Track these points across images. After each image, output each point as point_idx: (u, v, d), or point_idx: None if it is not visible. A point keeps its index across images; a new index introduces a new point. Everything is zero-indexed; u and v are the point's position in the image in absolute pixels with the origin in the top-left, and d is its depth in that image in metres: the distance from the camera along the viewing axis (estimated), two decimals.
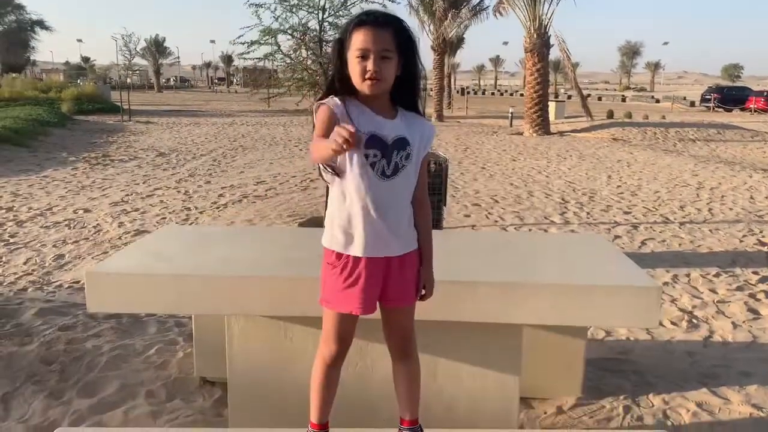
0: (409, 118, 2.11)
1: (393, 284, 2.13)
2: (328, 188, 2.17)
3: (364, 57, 1.97)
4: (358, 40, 1.98)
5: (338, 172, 2.06)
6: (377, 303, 2.16)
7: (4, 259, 6.03)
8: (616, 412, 3.31)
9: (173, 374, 3.64)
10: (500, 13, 22.61)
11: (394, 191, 2.07)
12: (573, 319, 2.74)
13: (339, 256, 2.10)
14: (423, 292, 2.24)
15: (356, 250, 2.07)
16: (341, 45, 2.05)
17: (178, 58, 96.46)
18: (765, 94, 41.97)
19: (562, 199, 9.48)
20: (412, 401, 2.30)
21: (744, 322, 4.69)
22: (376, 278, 2.10)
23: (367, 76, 1.98)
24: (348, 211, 2.07)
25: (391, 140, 2.04)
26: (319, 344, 2.22)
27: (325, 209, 2.16)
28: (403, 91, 2.10)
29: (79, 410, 3.20)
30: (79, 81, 55.29)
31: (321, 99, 2.08)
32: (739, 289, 5.42)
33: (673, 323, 4.63)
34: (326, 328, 2.18)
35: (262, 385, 2.85)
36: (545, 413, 3.30)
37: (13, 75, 45.81)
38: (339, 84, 2.07)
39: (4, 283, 5.29)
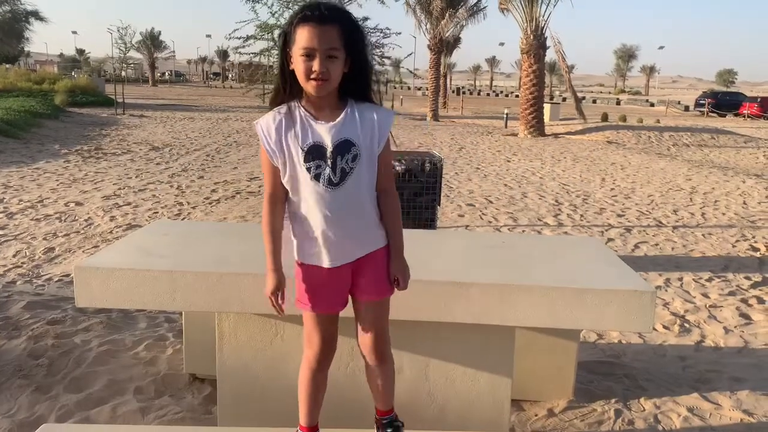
0: (360, 112, 2.04)
1: (363, 280, 2.12)
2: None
3: (309, 56, 1.91)
4: (303, 38, 1.91)
5: (289, 190, 2.06)
6: (348, 298, 2.15)
7: None
8: (607, 416, 3.30)
9: (162, 370, 3.61)
10: (506, 10, 22.47)
11: (348, 197, 2.02)
12: (566, 322, 2.72)
13: (306, 266, 2.11)
14: (397, 282, 2.18)
15: (318, 260, 2.07)
16: (285, 39, 1.98)
17: (174, 52, 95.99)
18: (758, 100, 42.19)
19: (556, 201, 9.49)
20: (386, 395, 2.29)
21: (736, 327, 4.69)
22: (344, 280, 2.11)
23: (312, 76, 1.92)
24: (306, 223, 2.06)
25: (332, 146, 1.99)
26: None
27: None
28: (353, 85, 2.03)
29: (66, 405, 3.17)
30: (73, 73, 55.01)
31: (271, 101, 2.10)
32: (732, 294, 5.42)
33: (665, 327, 4.63)
34: (307, 330, 2.18)
35: (252, 382, 2.82)
36: (536, 416, 3.28)
37: (7, 66, 45.52)
38: (282, 82, 2.03)
39: None
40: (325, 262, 2.06)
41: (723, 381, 3.75)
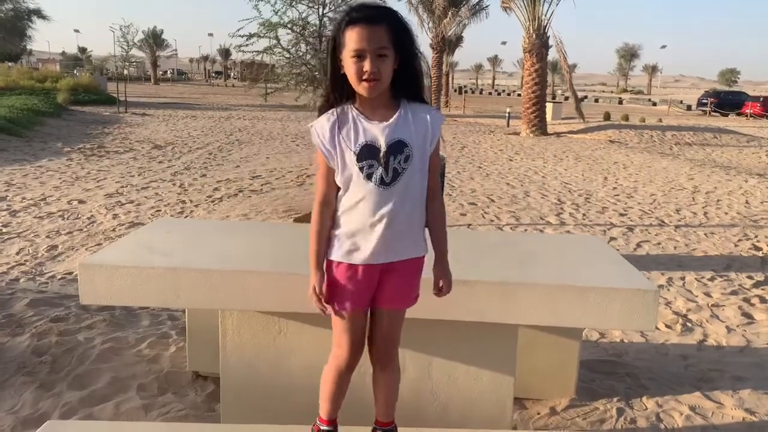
0: (413, 112, 2.06)
1: (390, 287, 2.12)
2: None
3: (360, 57, 1.93)
4: (352, 40, 1.93)
5: (342, 189, 2.07)
6: (368, 304, 2.15)
7: None
8: (609, 414, 3.30)
9: (165, 368, 3.61)
10: (508, 9, 22.44)
11: (398, 197, 2.03)
12: (569, 321, 2.73)
13: (338, 264, 2.10)
14: (440, 288, 2.20)
15: (355, 257, 2.07)
16: (334, 44, 2.00)
17: (176, 50, 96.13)
18: (761, 99, 42.11)
19: (558, 200, 9.49)
20: (389, 404, 2.29)
21: (738, 326, 4.69)
22: (373, 280, 2.10)
23: (364, 77, 1.94)
24: (353, 220, 2.06)
25: (386, 146, 2.00)
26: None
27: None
28: (404, 83, 2.04)
29: (69, 402, 3.18)
30: (75, 71, 55.05)
31: (321, 106, 2.11)
32: (734, 293, 5.42)
33: (667, 326, 4.63)
34: (336, 332, 2.18)
35: (255, 380, 2.83)
36: (538, 414, 3.29)
37: (9, 64, 45.57)
38: (333, 85, 2.04)
39: None
40: (363, 259, 2.05)
41: (725, 380, 3.75)
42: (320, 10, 6.90)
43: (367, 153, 2.00)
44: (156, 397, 3.30)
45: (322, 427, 2.27)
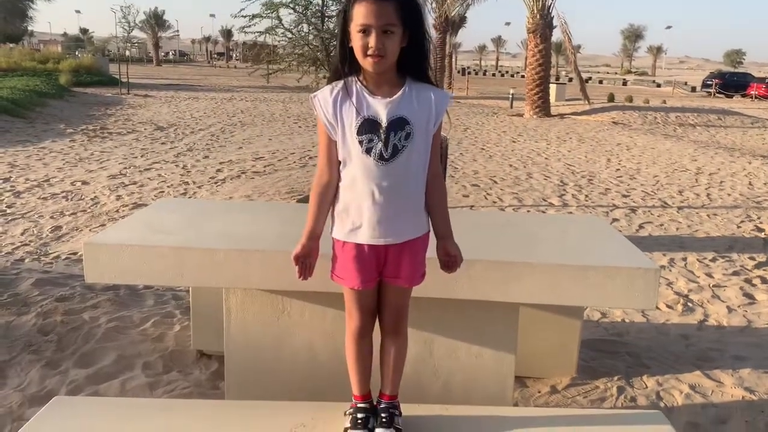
0: (417, 91, 2.05)
1: (396, 265, 2.13)
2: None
3: (365, 32, 1.92)
4: (360, 14, 1.92)
5: (341, 162, 2.08)
6: (378, 278, 2.16)
7: (1, 229, 6.02)
8: (609, 393, 3.34)
9: (170, 347, 3.66)
10: None
11: (397, 173, 2.03)
12: (570, 299, 2.75)
13: (344, 243, 2.11)
14: (448, 264, 2.22)
15: (359, 237, 2.07)
16: (344, 17, 2.00)
17: (178, 31, 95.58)
18: (766, 80, 41.82)
19: (561, 182, 9.48)
20: (394, 378, 2.30)
21: (739, 306, 4.71)
22: (380, 259, 2.11)
23: (368, 52, 1.94)
24: (353, 196, 2.07)
25: (387, 121, 2.00)
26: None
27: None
28: (411, 61, 2.04)
29: (76, 380, 3.22)
30: (77, 53, 54.82)
31: (329, 79, 2.12)
32: (735, 274, 5.44)
33: (668, 306, 4.65)
34: (347, 305, 2.21)
35: (259, 358, 2.86)
36: (539, 392, 3.32)
37: (11, 45, 45.38)
38: (342, 59, 2.04)
39: (1, 253, 5.29)
40: (365, 239, 2.06)
41: (725, 359, 3.78)
42: None
43: (368, 127, 2.01)
44: (161, 375, 3.34)
45: (358, 404, 2.28)
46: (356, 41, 1.95)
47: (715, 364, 3.71)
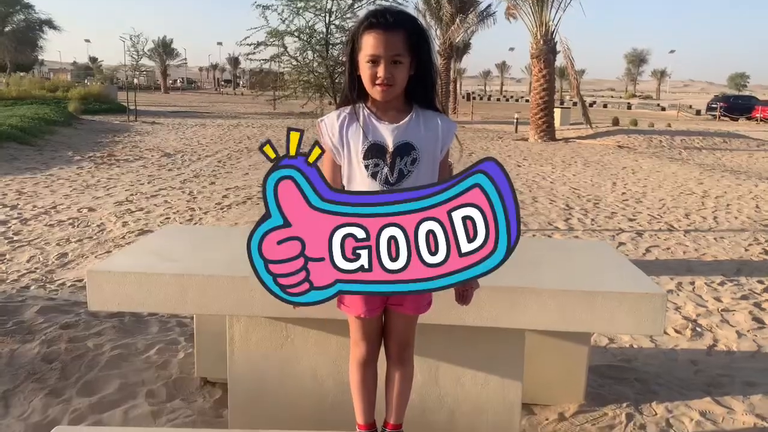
0: (424, 117, 2.07)
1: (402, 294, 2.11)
2: None
3: (374, 62, 1.95)
4: (368, 44, 1.95)
5: (346, 188, 2.09)
6: (383, 306, 2.15)
7: (7, 256, 6.03)
8: (618, 420, 3.28)
9: (174, 374, 3.63)
10: (512, 17, 22.52)
11: None
12: (577, 325, 2.72)
13: None
14: (463, 296, 2.22)
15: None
16: (353, 46, 2.02)
17: (185, 59, 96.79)
18: None
19: (567, 206, 9.46)
20: (400, 406, 2.29)
21: (749, 331, 4.65)
22: None
23: (377, 82, 1.96)
24: None
25: (393, 146, 2.01)
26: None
27: None
28: (418, 88, 2.06)
29: (79, 409, 3.19)
30: (86, 81, 55.53)
31: (338, 105, 2.14)
32: (744, 298, 5.38)
33: (677, 331, 4.60)
34: (352, 332, 2.20)
35: (263, 386, 2.83)
36: (547, 420, 3.27)
37: (21, 74, 46.02)
38: (350, 86, 2.06)
39: (7, 281, 5.29)
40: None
41: (735, 385, 3.72)
42: (327, 18, 6.94)
43: (374, 152, 2.02)
44: (164, 403, 3.31)
45: None
46: (365, 70, 1.98)
47: (726, 390, 3.66)
